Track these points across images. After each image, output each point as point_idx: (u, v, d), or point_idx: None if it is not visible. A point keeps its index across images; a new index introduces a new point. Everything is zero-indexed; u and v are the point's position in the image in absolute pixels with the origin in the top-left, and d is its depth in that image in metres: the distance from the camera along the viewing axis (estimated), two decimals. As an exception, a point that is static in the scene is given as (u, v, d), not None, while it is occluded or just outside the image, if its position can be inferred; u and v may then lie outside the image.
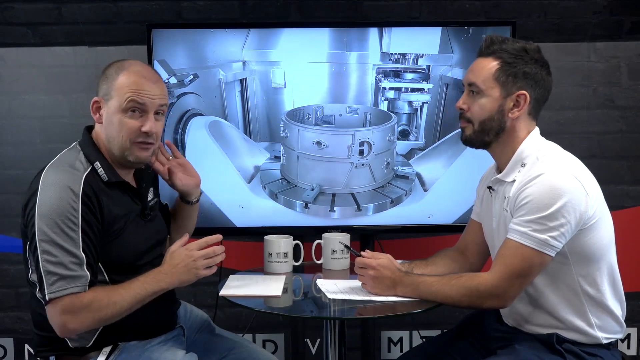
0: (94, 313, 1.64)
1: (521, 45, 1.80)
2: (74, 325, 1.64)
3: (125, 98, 1.72)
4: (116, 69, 1.76)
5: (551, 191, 1.68)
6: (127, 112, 1.73)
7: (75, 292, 1.62)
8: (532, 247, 1.69)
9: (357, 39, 2.43)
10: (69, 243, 1.62)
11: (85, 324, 1.65)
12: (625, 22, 2.78)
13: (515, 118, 1.79)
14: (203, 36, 2.43)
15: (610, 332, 1.79)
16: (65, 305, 1.62)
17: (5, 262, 2.83)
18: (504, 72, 1.78)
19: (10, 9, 2.73)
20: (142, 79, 1.75)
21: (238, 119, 2.48)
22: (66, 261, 1.62)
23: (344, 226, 2.43)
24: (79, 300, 1.62)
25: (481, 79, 1.80)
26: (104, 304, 1.65)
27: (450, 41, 2.42)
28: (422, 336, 2.87)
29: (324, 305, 1.93)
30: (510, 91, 1.78)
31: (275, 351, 2.89)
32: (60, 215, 1.63)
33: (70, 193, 1.65)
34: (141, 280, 1.71)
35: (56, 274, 1.61)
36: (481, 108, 1.80)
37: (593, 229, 1.73)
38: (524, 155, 1.78)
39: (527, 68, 1.77)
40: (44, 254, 1.62)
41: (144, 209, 1.84)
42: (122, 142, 1.75)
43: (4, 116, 2.76)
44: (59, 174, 1.69)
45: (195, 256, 1.75)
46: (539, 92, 1.79)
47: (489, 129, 1.81)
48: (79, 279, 1.63)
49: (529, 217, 1.69)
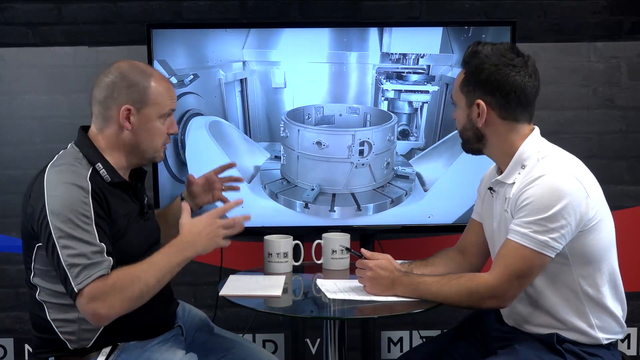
0: (121, 293, 1.62)
1: (484, 53, 1.77)
2: (105, 310, 1.62)
3: (166, 105, 1.79)
4: (142, 76, 1.77)
5: (552, 192, 1.67)
6: (163, 118, 1.79)
7: (100, 276, 1.61)
8: (532, 248, 1.68)
9: (357, 39, 2.43)
10: (86, 235, 1.62)
11: (115, 306, 1.62)
12: (625, 22, 2.78)
13: (485, 125, 1.79)
14: (203, 36, 2.43)
15: (610, 332, 1.79)
16: (91, 292, 1.60)
17: (5, 262, 2.83)
18: (466, 82, 1.80)
19: (10, 9, 2.73)
20: (168, 83, 1.83)
21: (238, 119, 2.48)
22: (87, 251, 1.61)
23: (344, 226, 2.43)
24: (103, 283, 1.61)
25: (454, 91, 1.86)
26: (127, 281, 1.63)
27: (450, 41, 2.42)
28: (422, 336, 2.87)
29: (324, 305, 1.93)
30: (471, 101, 1.80)
31: (275, 351, 2.89)
32: (73, 211, 1.62)
33: (79, 189, 1.65)
34: (163, 252, 1.71)
35: (79, 265, 1.61)
36: (457, 119, 1.86)
37: (594, 230, 1.73)
38: (524, 156, 1.78)
39: (483, 76, 1.76)
40: (63, 249, 1.61)
41: (142, 208, 1.84)
42: (155, 147, 1.80)
43: (4, 116, 2.76)
44: (63, 174, 1.68)
45: (217, 224, 1.76)
46: (498, 96, 1.76)
47: (467, 138, 1.85)
48: (101, 263, 1.62)
49: (529, 219, 1.69)
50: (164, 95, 1.78)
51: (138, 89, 1.75)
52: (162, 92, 1.78)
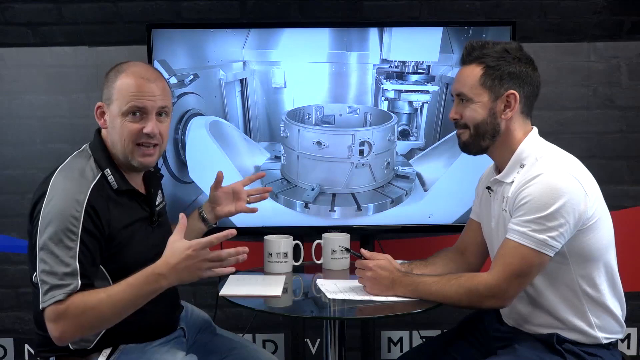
0: (72, 319, 1.59)
1: (502, 47, 1.79)
2: (58, 333, 1.61)
3: (126, 102, 1.71)
4: (115, 72, 1.75)
5: (550, 191, 1.68)
6: (127, 116, 1.72)
7: (59, 300, 1.59)
8: (531, 247, 1.69)
9: (357, 39, 2.43)
10: (64, 252, 1.60)
11: (68, 331, 1.60)
12: (625, 22, 2.78)
13: (509, 119, 1.79)
14: (203, 36, 2.43)
15: (610, 332, 1.79)
16: (49, 313, 1.60)
17: (5, 262, 2.83)
18: (489, 76, 1.79)
19: (10, 9, 2.73)
20: (140, 79, 1.72)
21: (238, 119, 2.48)
22: (59, 271, 1.60)
23: (344, 226, 2.43)
24: (58, 307, 1.59)
25: (468, 87, 1.81)
26: (79, 310, 1.59)
27: (450, 41, 2.42)
28: (422, 336, 2.87)
29: (324, 305, 1.93)
30: (499, 93, 1.78)
31: (275, 351, 2.89)
32: (61, 225, 1.61)
33: (74, 203, 1.63)
34: (129, 283, 1.61)
35: (48, 283, 1.60)
36: (474, 113, 1.81)
37: (592, 229, 1.73)
38: (523, 156, 1.79)
39: (511, 68, 1.77)
40: (40, 263, 1.61)
41: (152, 215, 1.82)
42: (124, 147, 1.73)
43: (4, 116, 2.76)
44: (67, 183, 1.67)
45: (199, 257, 1.60)
46: (527, 89, 1.79)
47: (484, 132, 1.81)
48: (66, 287, 1.59)
49: (528, 217, 1.69)
50: (127, 91, 1.71)
51: (108, 85, 1.75)
52: (125, 87, 1.71)
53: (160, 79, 1.79)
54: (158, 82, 1.76)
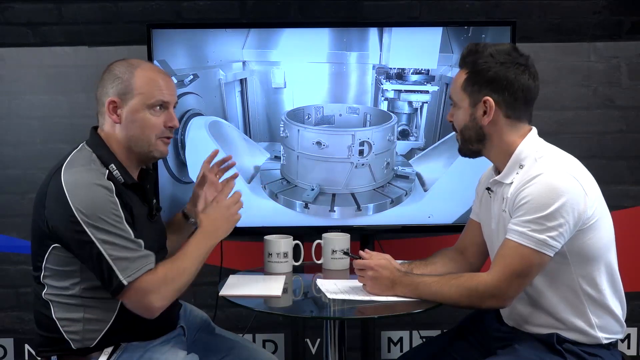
0: (172, 285, 1.69)
1: (489, 51, 1.78)
2: (158, 302, 1.67)
3: (152, 96, 1.75)
4: (128, 68, 1.77)
5: (550, 191, 1.68)
6: (151, 109, 1.76)
7: (150, 269, 1.66)
8: (530, 247, 1.69)
9: (357, 39, 2.43)
10: (123, 232, 1.64)
11: (167, 297, 1.69)
12: (625, 22, 2.78)
13: (490, 124, 1.79)
14: (203, 36, 2.43)
15: (610, 332, 1.79)
16: (146, 284, 1.64)
17: (5, 262, 2.83)
18: (470, 82, 1.80)
19: (10, 9, 2.73)
20: (161, 74, 1.80)
21: (238, 119, 2.48)
22: (129, 245, 1.64)
23: (344, 226, 2.43)
24: (156, 276, 1.66)
25: (454, 91, 1.85)
26: (177, 273, 1.70)
27: (450, 41, 2.42)
28: (422, 336, 2.87)
29: (324, 305, 1.93)
30: (477, 99, 1.79)
31: (275, 351, 2.89)
32: (103, 211, 1.63)
33: (103, 189, 1.65)
34: (193, 244, 1.77)
35: (125, 259, 1.63)
36: (458, 119, 1.85)
37: (592, 229, 1.73)
38: (522, 156, 1.78)
39: (490, 73, 1.77)
40: (105, 245, 1.62)
41: (151, 210, 1.84)
42: (148, 140, 1.77)
43: (4, 116, 2.76)
44: (82, 174, 1.67)
45: (228, 204, 1.85)
46: (506, 94, 1.77)
47: (468, 138, 1.84)
48: (147, 257, 1.67)
49: (527, 217, 1.69)
50: (149, 85, 1.75)
51: (122, 80, 1.75)
52: (147, 81, 1.75)
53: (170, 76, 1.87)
54: (170, 79, 1.84)
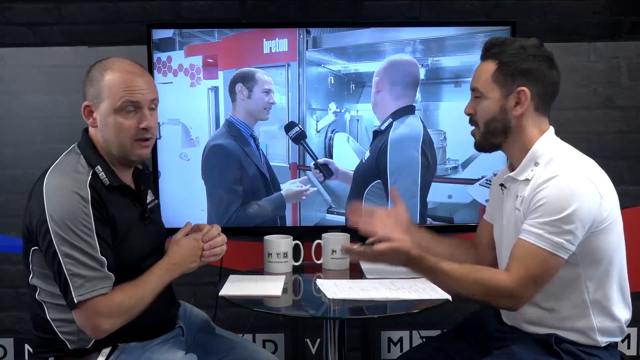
0: (126, 314, 1.67)
1: (519, 44, 1.79)
2: (108, 325, 1.65)
3: (118, 98, 1.70)
4: (99, 70, 1.74)
5: (565, 194, 1.67)
6: (121, 112, 1.72)
7: (104, 293, 1.63)
8: (548, 250, 1.67)
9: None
10: (87, 247, 1.62)
11: (118, 323, 1.67)
12: (625, 22, 2.77)
13: (520, 116, 1.79)
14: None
15: (611, 336, 1.78)
16: (96, 306, 1.62)
17: (5, 262, 2.83)
18: (501, 72, 1.78)
19: (10, 9, 2.73)
20: (129, 74, 1.73)
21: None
22: (89, 263, 1.62)
23: (344, 226, 2.43)
24: (110, 301, 1.64)
25: (481, 82, 1.82)
26: (133, 301, 1.68)
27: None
28: (422, 336, 2.87)
29: (324, 305, 1.93)
30: (510, 90, 1.78)
31: (275, 351, 2.89)
32: (73, 221, 1.62)
33: (78, 198, 1.64)
34: (156, 272, 1.75)
35: (82, 277, 1.61)
36: (484, 110, 1.81)
37: (605, 231, 1.72)
38: (538, 154, 1.78)
39: (524, 65, 1.77)
40: (65, 258, 1.61)
41: (143, 212, 1.83)
42: (122, 143, 1.73)
43: (4, 116, 2.76)
44: (63, 179, 1.67)
45: (201, 245, 1.83)
46: (540, 86, 1.79)
47: (493, 129, 1.81)
48: (105, 279, 1.64)
49: (543, 219, 1.68)
50: (117, 87, 1.70)
51: (93, 84, 1.73)
52: (115, 83, 1.70)
53: (146, 72, 1.79)
54: (145, 76, 1.77)
